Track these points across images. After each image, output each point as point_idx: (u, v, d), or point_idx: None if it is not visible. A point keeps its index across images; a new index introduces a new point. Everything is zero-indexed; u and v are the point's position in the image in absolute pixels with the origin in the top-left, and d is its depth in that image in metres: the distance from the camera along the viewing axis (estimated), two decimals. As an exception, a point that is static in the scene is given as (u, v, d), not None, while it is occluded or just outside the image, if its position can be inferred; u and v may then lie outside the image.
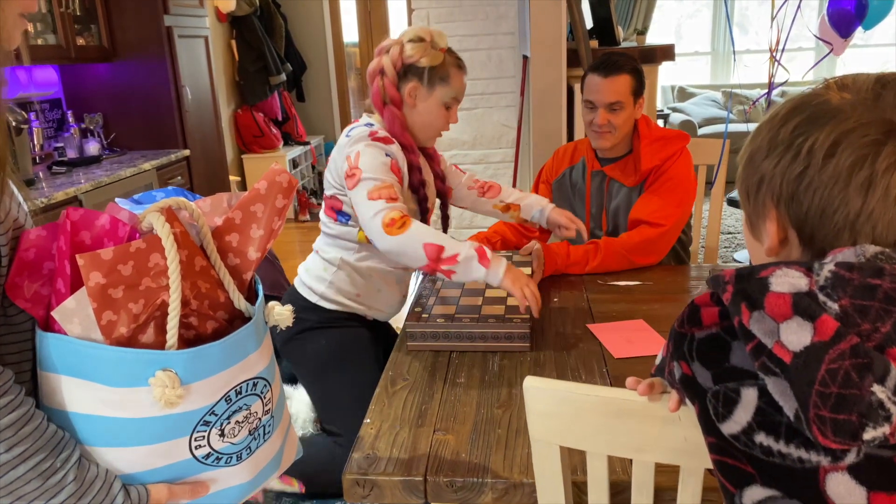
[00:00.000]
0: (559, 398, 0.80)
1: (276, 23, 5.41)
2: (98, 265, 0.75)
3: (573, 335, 1.46)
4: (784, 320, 0.55)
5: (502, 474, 1.01)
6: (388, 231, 1.38)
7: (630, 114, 1.83)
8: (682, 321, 0.66)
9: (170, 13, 3.77)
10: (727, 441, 0.62)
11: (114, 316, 0.77)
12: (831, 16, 3.39)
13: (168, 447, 0.83)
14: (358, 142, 1.50)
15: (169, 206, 0.84)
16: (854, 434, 0.53)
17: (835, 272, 0.57)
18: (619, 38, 3.26)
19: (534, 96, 2.79)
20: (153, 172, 3.51)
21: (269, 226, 0.91)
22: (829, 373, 0.53)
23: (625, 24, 5.59)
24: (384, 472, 1.03)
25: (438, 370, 1.34)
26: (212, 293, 0.87)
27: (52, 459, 0.76)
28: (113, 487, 0.81)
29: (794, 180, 0.63)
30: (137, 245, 0.78)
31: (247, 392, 0.88)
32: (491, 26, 3.05)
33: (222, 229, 0.90)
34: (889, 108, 0.60)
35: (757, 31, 6.52)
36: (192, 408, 0.82)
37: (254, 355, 0.88)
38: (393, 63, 1.52)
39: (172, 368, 0.79)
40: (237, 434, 0.88)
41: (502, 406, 1.19)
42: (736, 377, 0.61)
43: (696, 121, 5.90)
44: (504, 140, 3.20)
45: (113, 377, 0.78)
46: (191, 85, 4.02)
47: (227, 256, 0.90)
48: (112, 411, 0.80)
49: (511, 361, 1.36)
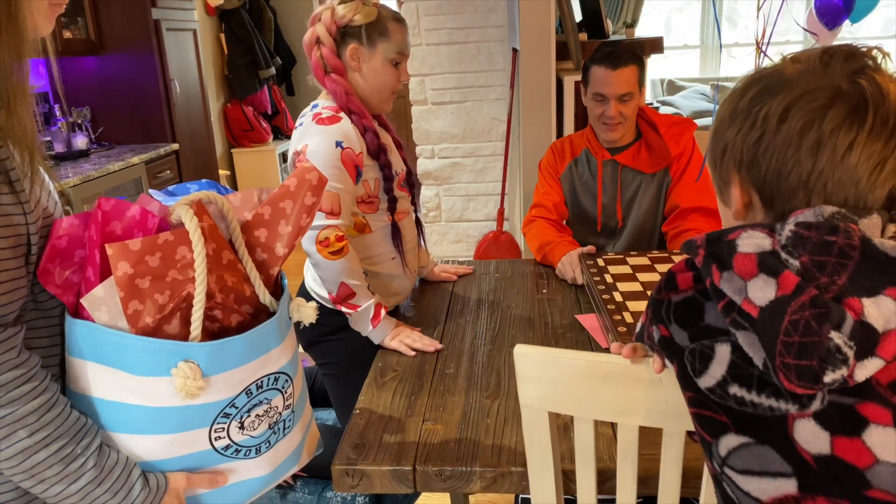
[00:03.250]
0: (548, 363, 0.84)
1: (265, 16, 5.39)
2: (126, 255, 0.76)
3: (561, 325, 1.47)
4: (751, 278, 0.60)
5: (490, 463, 1.01)
6: (318, 249, 1.39)
7: (637, 103, 1.84)
8: (660, 288, 0.71)
9: (157, 6, 3.75)
10: (704, 394, 0.66)
11: (140, 306, 0.78)
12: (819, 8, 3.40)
13: (188, 437, 0.85)
14: (305, 132, 1.43)
15: (199, 199, 0.85)
16: (816, 377, 0.57)
17: (795, 231, 0.61)
18: (609, 32, 3.26)
19: (524, 89, 2.79)
20: (142, 167, 3.50)
21: (298, 223, 0.92)
22: (791, 323, 0.57)
23: (614, 18, 5.60)
24: (373, 462, 1.03)
25: (427, 361, 1.34)
26: (238, 287, 0.88)
27: (74, 446, 0.78)
28: (132, 474, 0.83)
29: (753, 146, 0.68)
30: (165, 237, 0.79)
31: (268, 386, 0.89)
32: (480, 19, 3.05)
33: (251, 224, 0.91)
34: (836, 75, 0.64)
35: (746, 24, 6.54)
36: (212, 400, 0.83)
37: (276, 350, 0.88)
38: (327, 29, 1.46)
39: (195, 360, 0.80)
40: (257, 427, 0.89)
41: (491, 396, 1.20)
42: (710, 335, 0.66)
43: (685, 114, 5.92)
44: (494, 133, 3.20)
45: (136, 366, 0.80)
46: (179, 79, 4.00)
47: (255, 251, 0.91)
48: (134, 399, 0.82)
49: (499, 351, 1.37)
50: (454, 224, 3.37)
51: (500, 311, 1.57)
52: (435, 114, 3.19)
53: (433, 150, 3.25)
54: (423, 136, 3.23)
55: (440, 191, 3.31)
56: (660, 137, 1.87)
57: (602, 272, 1.58)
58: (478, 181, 3.29)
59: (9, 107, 0.74)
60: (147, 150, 3.66)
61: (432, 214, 3.34)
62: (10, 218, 0.74)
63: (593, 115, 1.87)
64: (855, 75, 0.64)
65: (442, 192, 3.32)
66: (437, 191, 3.31)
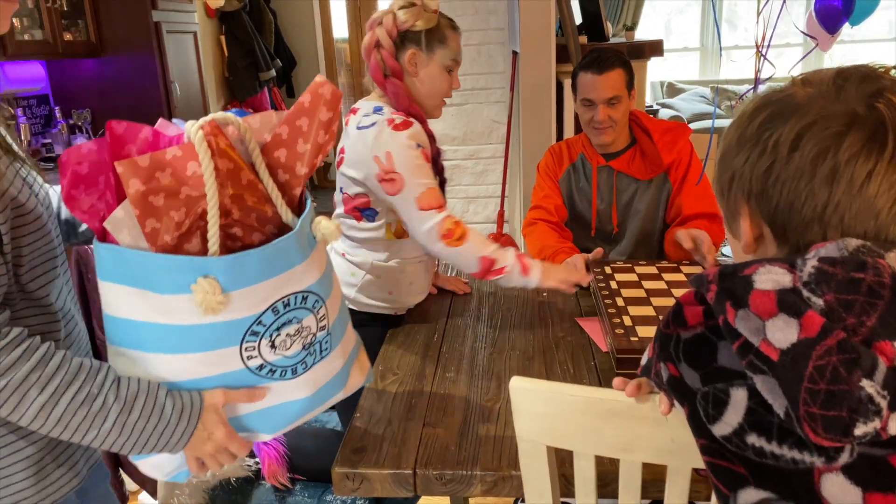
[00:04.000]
0: (546, 398, 0.80)
1: (265, 18, 5.39)
2: (136, 172, 0.76)
3: (561, 328, 1.47)
4: (770, 318, 0.55)
5: (491, 467, 1.01)
6: (446, 242, 1.42)
7: (627, 106, 1.85)
8: (668, 322, 0.66)
9: (158, 8, 3.75)
10: (719, 443, 0.61)
11: (157, 223, 0.79)
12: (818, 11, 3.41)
13: (219, 356, 0.86)
14: (381, 138, 1.43)
15: (212, 119, 0.85)
16: (845, 430, 0.52)
17: (818, 267, 0.56)
18: (608, 34, 3.27)
19: (523, 92, 2.80)
20: (142, 169, 3.50)
21: (316, 139, 0.90)
22: (817, 369, 0.52)
23: (614, 20, 5.61)
24: (374, 465, 1.03)
25: (428, 364, 1.34)
26: (259, 207, 0.88)
27: (89, 386, 0.80)
28: (158, 396, 0.84)
29: (763, 175, 0.63)
30: (173, 152, 0.79)
31: (296, 305, 0.89)
32: (480, 22, 3.05)
33: (271, 145, 0.90)
34: (851, 99, 0.60)
35: (746, 27, 6.55)
36: (236, 316, 0.84)
37: (299, 267, 0.88)
38: (388, 32, 1.47)
39: (213, 275, 0.80)
40: (289, 347, 0.89)
41: (491, 399, 1.20)
42: (724, 377, 0.61)
43: (685, 116, 5.92)
44: (494, 135, 3.21)
45: (159, 284, 0.81)
46: (180, 81, 4.00)
47: (277, 172, 0.91)
48: (161, 318, 0.83)
49: (500, 355, 1.37)
50: (454, 226, 3.37)
51: (500, 314, 1.57)
52: (435, 116, 3.20)
53: (433, 153, 3.25)
54: (423, 139, 3.23)
55: (440, 193, 3.31)
56: (653, 144, 1.87)
57: (608, 279, 1.58)
58: (478, 183, 3.29)
59: None
60: (147, 152, 3.66)
61: (432, 217, 3.35)
62: None
63: (584, 120, 1.88)
64: (872, 99, 0.60)
65: (442, 194, 3.32)
66: (437, 193, 3.31)
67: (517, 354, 1.37)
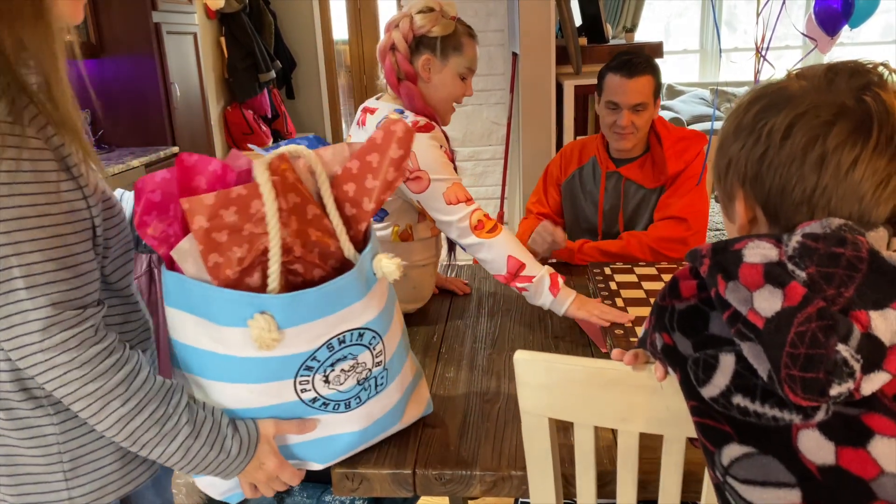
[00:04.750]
0: (548, 370, 0.83)
1: (265, 20, 5.39)
2: (201, 209, 0.78)
3: (561, 329, 1.47)
4: (757, 289, 0.59)
5: (490, 467, 1.01)
6: (477, 234, 1.41)
7: (651, 114, 1.82)
8: (664, 295, 0.70)
9: (158, 9, 3.75)
10: (707, 404, 0.66)
11: (220, 258, 0.81)
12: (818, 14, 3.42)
13: (274, 388, 0.87)
14: None
15: (282, 153, 0.87)
16: (822, 391, 0.57)
17: (802, 242, 0.61)
18: (608, 36, 3.27)
19: (523, 93, 2.80)
20: (141, 170, 3.50)
21: (385, 177, 0.91)
22: (797, 335, 0.57)
23: (613, 22, 5.61)
24: (373, 465, 1.03)
25: (428, 365, 1.34)
26: (322, 241, 0.89)
27: (165, 406, 0.83)
28: (222, 423, 0.88)
29: (757, 161, 0.68)
30: (238, 191, 0.81)
31: (351, 342, 0.89)
32: (480, 23, 3.05)
33: (341, 179, 0.91)
34: (840, 92, 0.65)
35: (745, 29, 6.56)
36: (292, 352, 0.85)
37: (357, 305, 0.88)
38: (404, 36, 1.47)
39: (270, 311, 0.82)
40: (343, 382, 0.91)
41: (491, 400, 1.20)
42: (714, 344, 0.65)
43: (684, 118, 5.93)
44: (494, 137, 3.21)
45: (219, 315, 0.83)
46: (179, 82, 4.00)
47: (344, 206, 0.92)
48: (220, 348, 0.85)
49: (500, 355, 1.37)
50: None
51: (499, 314, 1.58)
52: (435, 117, 3.20)
53: (433, 154, 3.25)
54: (422, 140, 3.23)
55: (440, 194, 3.31)
56: (663, 152, 1.84)
57: (608, 280, 1.58)
58: (477, 185, 3.29)
59: (48, 93, 0.77)
60: (147, 152, 3.66)
61: (432, 218, 3.35)
62: (73, 204, 0.78)
63: (605, 123, 1.84)
64: (860, 92, 0.64)
65: (441, 195, 3.32)
66: (436, 194, 3.31)
67: (517, 355, 1.37)
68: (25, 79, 0.75)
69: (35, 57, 0.76)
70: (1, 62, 0.74)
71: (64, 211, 0.76)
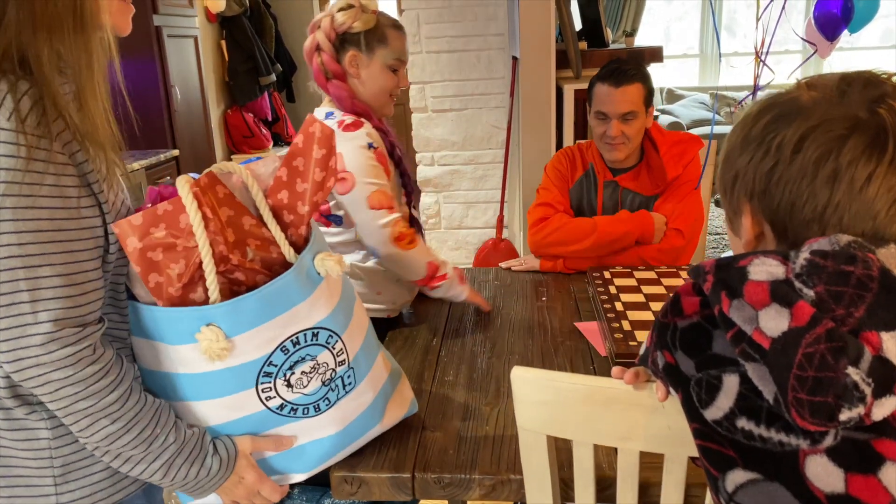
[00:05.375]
0: (546, 387, 0.81)
1: (265, 23, 5.40)
2: (132, 230, 0.80)
3: (560, 333, 1.47)
4: (762, 307, 0.57)
5: (490, 471, 1.01)
6: (399, 245, 1.43)
7: (642, 123, 1.78)
8: (666, 311, 0.68)
9: (159, 13, 3.76)
10: (710, 427, 0.63)
11: (160, 277, 0.82)
12: (817, 19, 3.43)
13: (237, 400, 0.88)
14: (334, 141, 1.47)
15: (211, 171, 0.88)
16: (830, 415, 0.54)
17: (810, 260, 0.58)
18: (608, 40, 3.28)
19: (523, 97, 2.80)
20: (142, 172, 3.50)
21: (313, 178, 0.93)
22: (805, 357, 0.54)
23: (614, 26, 5.62)
24: (372, 469, 1.03)
25: (427, 368, 1.34)
26: (263, 250, 0.90)
27: (153, 427, 0.84)
28: (205, 442, 0.88)
29: (766, 175, 0.65)
30: (164, 207, 0.82)
31: (307, 342, 0.90)
32: (480, 27, 3.06)
33: (274, 188, 0.93)
34: (854, 104, 0.62)
35: (745, 33, 6.57)
36: (246, 360, 0.86)
37: (303, 305, 0.89)
38: (327, 35, 1.48)
39: (215, 322, 0.83)
40: (307, 385, 0.91)
41: (490, 403, 1.20)
42: (718, 364, 0.63)
43: (684, 122, 5.94)
44: (494, 141, 3.21)
45: (169, 335, 0.84)
46: (180, 85, 4.01)
47: (282, 213, 0.94)
48: (179, 367, 0.86)
49: (499, 359, 1.37)
50: (454, 231, 3.37)
51: (499, 318, 1.58)
52: (435, 121, 3.20)
53: (433, 158, 3.26)
54: (422, 144, 3.24)
55: (440, 198, 3.32)
56: (659, 158, 1.82)
57: (607, 284, 1.58)
58: (477, 188, 3.29)
59: (80, 103, 0.77)
60: (147, 155, 3.66)
61: (432, 221, 3.35)
62: (90, 221, 0.78)
63: (596, 133, 1.82)
64: (874, 104, 0.61)
65: (441, 199, 3.32)
66: (436, 198, 3.32)
67: (516, 359, 1.37)
68: (59, 89, 0.75)
69: (73, 68, 0.76)
70: (37, 73, 0.74)
71: (80, 227, 0.77)
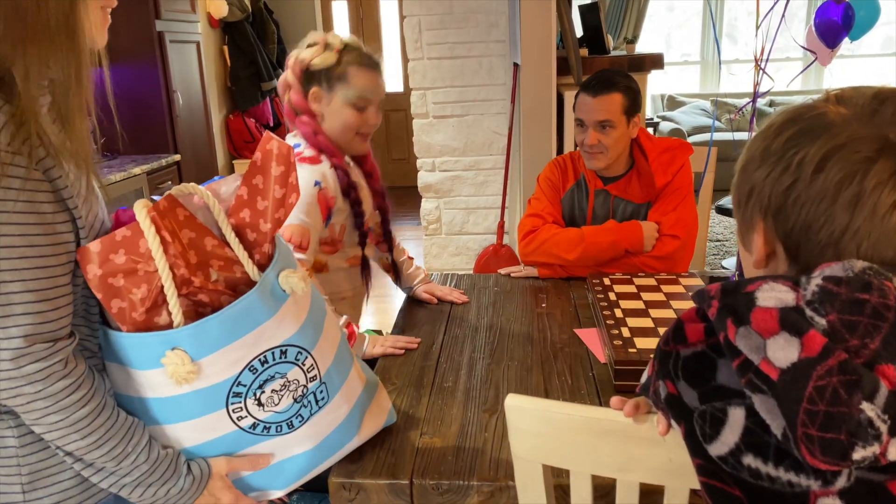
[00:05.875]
0: (542, 417, 0.79)
1: (268, 29, 5.42)
2: (90, 257, 0.79)
3: (560, 339, 1.47)
4: (771, 336, 0.54)
5: (488, 477, 1.01)
6: None
7: (622, 133, 1.77)
8: (668, 339, 0.65)
9: (161, 18, 3.78)
10: (715, 463, 0.60)
11: (122, 303, 0.81)
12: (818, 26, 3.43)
13: (209, 421, 0.88)
14: None
15: (170, 194, 0.88)
16: (843, 454, 0.51)
17: (822, 286, 0.55)
18: (609, 47, 3.29)
19: (524, 103, 2.81)
20: (143, 177, 3.51)
21: (273, 195, 0.92)
22: (816, 390, 0.51)
23: (615, 33, 5.64)
24: (370, 476, 1.03)
25: (426, 374, 1.34)
26: (227, 270, 0.89)
27: (124, 445, 0.83)
28: (179, 464, 0.89)
29: (783, 193, 0.62)
30: (122, 233, 0.81)
31: (275, 360, 0.89)
32: (482, 34, 3.07)
33: (236, 207, 0.92)
34: (885, 124, 0.58)
35: (746, 41, 6.58)
36: (214, 381, 0.85)
37: (270, 323, 0.88)
38: (294, 72, 1.52)
39: (180, 346, 0.82)
40: (278, 403, 0.90)
41: (489, 410, 1.20)
42: (722, 396, 0.59)
43: (685, 129, 5.95)
44: (495, 147, 3.22)
45: (135, 360, 0.84)
46: (182, 90, 4.02)
47: (245, 232, 0.93)
48: (148, 392, 0.86)
49: (498, 365, 1.37)
50: (454, 237, 3.37)
51: (499, 324, 1.58)
52: (436, 127, 3.21)
53: (434, 163, 3.26)
54: (424, 149, 3.24)
55: (440, 203, 3.32)
56: (648, 165, 1.82)
57: (607, 290, 1.58)
58: (478, 194, 3.29)
59: (67, 122, 0.77)
60: (149, 160, 3.67)
61: (433, 227, 3.35)
62: (63, 236, 0.78)
63: (577, 141, 1.84)
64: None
65: (442, 204, 3.32)
66: (437, 203, 3.32)
67: (515, 365, 1.37)
68: (39, 106, 0.75)
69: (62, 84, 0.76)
70: (22, 88, 0.73)
71: (53, 243, 0.76)
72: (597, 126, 1.76)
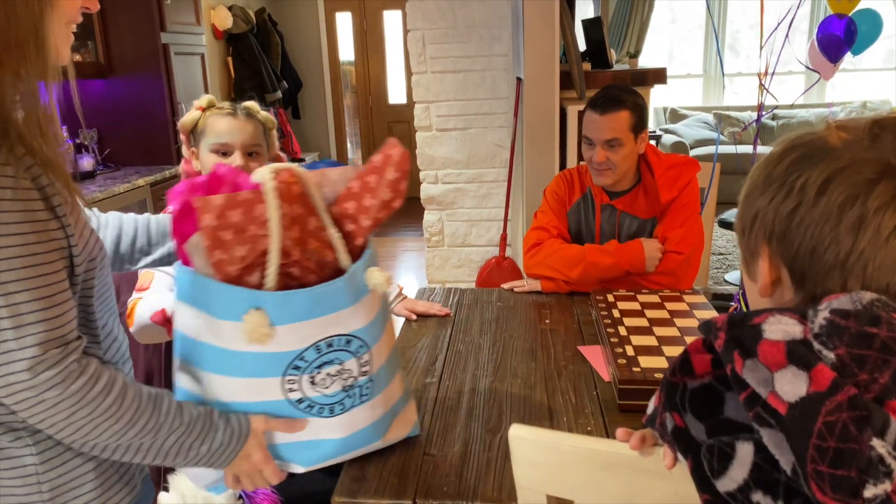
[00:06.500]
0: (546, 448, 0.78)
1: (272, 40, 5.45)
2: (210, 208, 0.85)
3: (563, 357, 1.46)
4: (778, 369, 0.54)
5: (491, 497, 1.00)
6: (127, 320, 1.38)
7: (630, 150, 1.78)
8: (674, 370, 0.64)
9: (166, 30, 3.79)
10: (723, 499, 0.59)
11: (224, 255, 0.87)
12: (821, 41, 3.44)
13: (262, 384, 0.92)
14: None
15: (291, 167, 0.95)
16: (854, 491, 0.50)
17: (830, 320, 0.55)
18: (612, 61, 3.29)
19: (527, 117, 2.81)
20: (147, 188, 3.51)
21: (381, 196, 0.98)
22: (826, 425, 0.50)
23: (618, 47, 5.66)
24: (373, 495, 1.02)
25: (429, 391, 1.34)
26: (320, 252, 0.95)
27: (157, 416, 0.85)
28: (213, 417, 0.91)
29: (786, 217, 0.61)
30: (245, 195, 0.88)
31: (339, 346, 0.94)
32: (485, 48, 3.08)
33: (343, 197, 0.99)
34: (886, 148, 0.59)
35: (748, 54, 6.60)
36: (281, 349, 0.90)
37: (346, 311, 0.94)
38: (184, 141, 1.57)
39: (264, 307, 0.87)
40: (329, 386, 0.95)
41: (492, 429, 1.19)
42: (730, 430, 0.59)
43: (687, 142, 5.95)
44: (498, 160, 3.22)
45: (217, 309, 0.89)
46: (186, 101, 4.03)
47: (345, 222, 0.99)
48: (217, 341, 0.90)
49: (501, 383, 1.36)
50: (457, 249, 3.37)
51: (502, 340, 1.57)
52: (439, 140, 3.22)
53: (437, 176, 3.27)
54: (427, 162, 3.25)
55: (443, 216, 3.32)
56: (654, 181, 1.82)
57: (611, 307, 1.58)
58: (481, 207, 3.30)
59: (42, 134, 0.77)
60: (152, 172, 3.68)
61: (435, 239, 3.35)
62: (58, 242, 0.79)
63: (585, 158, 1.84)
64: None
65: (445, 216, 3.33)
66: (440, 215, 3.32)
67: (519, 383, 1.36)
68: (14, 113, 0.75)
69: (31, 95, 0.76)
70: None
71: (50, 249, 0.77)
72: (605, 144, 1.77)
